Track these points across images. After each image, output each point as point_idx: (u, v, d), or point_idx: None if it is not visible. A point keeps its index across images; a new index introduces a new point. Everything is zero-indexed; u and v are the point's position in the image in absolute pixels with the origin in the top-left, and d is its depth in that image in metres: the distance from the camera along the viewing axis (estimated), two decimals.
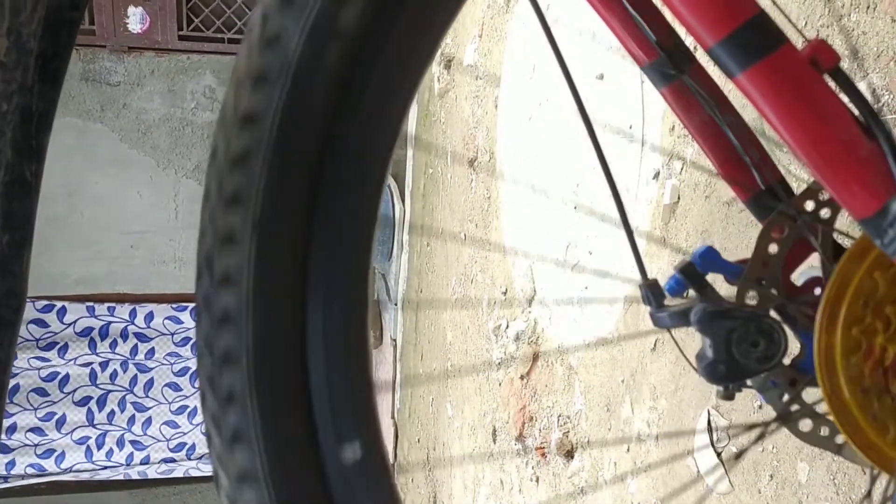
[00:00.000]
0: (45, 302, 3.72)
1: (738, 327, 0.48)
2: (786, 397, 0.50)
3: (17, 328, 0.40)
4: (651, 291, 0.52)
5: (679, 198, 1.32)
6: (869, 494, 0.61)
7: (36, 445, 3.80)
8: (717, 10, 0.38)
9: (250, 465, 0.36)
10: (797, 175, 0.74)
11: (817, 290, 0.50)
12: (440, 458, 2.68)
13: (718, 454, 1.18)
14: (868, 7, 0.92)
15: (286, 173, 0.35)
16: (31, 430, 3.79)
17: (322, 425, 0.36)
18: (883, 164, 0.38)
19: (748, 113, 0.53)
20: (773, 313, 0.50)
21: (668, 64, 0.54)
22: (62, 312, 3.75)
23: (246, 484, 0.36)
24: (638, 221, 1.43)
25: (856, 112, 0.40)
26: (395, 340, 3.30)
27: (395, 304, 3.27)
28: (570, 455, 1.70)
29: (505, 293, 2.10)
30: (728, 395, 0.51)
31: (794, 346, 0.51)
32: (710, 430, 1.19)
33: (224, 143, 0.36)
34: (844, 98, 0.41)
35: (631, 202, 1.46)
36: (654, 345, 1.38)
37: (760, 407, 1.10)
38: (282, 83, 0.35)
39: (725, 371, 0.48)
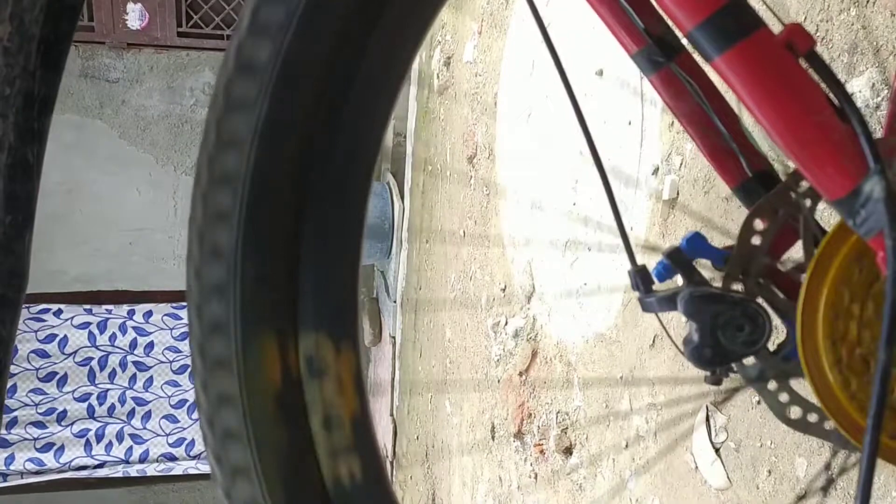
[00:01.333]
0: (41, 306, 3.71)
1: (723, 311, 0.49)
2: (773, 384, 0.50)
3: (19, 308, 0.41)
4: (640, 277, 0.53)
5: (678, 193, 1.33)
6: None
7: (35, 439, 3.80)
8: None
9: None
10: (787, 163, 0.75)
11: (803, 276, 0.51)
12: (439, 455, 2.68)
13: (716, 450, 1.18)
14: (867, 1, 0.92)
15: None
16: (32, 423, 3.80)
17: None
18: (856, 146, 0.39)
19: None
20: (758, 298, 0.51)
21: (656, 51, 0.54)
22: (58, 316, 3.76)
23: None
24: (637, 217, 1.44)
25: (831, 94, 0.41)
26: (393, 338, 3.30)
27: (395, 302, 3.28)
28: (568, 452, 1.70)
29: (504, 290, 2.10)
30: (715, 380, 0.52)
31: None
32: (708, 425, 1.20)
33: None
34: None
35: (630, 198, 1.47)
36: (653, 341, 1.38)
37: (759, 402, 1.10)
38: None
39: (711, 355, 0.49)
